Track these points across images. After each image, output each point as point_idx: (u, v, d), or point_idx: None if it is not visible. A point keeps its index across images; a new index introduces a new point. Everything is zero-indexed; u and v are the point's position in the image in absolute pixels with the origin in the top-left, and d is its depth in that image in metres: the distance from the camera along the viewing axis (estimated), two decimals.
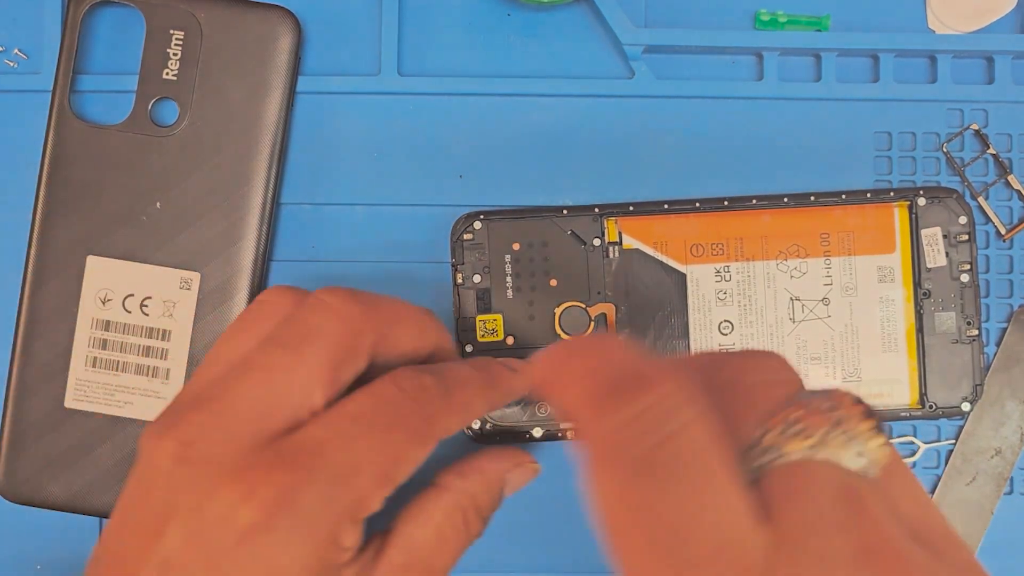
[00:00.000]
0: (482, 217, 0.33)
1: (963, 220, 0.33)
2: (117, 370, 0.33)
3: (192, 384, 0.25)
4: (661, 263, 0.33)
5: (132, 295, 0.33)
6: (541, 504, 0.34)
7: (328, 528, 0.22)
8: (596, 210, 0.33)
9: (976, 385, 0.33)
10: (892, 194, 0.33)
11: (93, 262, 0.33)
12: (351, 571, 0.23)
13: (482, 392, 0.27)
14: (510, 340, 0.33)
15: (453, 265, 0.33)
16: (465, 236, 0.33)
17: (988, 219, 0.35)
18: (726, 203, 0.33)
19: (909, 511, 0.18)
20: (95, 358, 0.33)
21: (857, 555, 0.16)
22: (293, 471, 0.22)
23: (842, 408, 0.18)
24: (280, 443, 0.23)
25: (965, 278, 0.33)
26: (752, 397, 0.19)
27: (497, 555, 0.34)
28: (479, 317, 0.33)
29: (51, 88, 0.33)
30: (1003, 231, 0.35)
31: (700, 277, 0.33)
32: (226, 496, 0.22)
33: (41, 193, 0.33)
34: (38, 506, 0.33)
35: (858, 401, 0.18)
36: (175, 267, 0.33)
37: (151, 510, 0.22)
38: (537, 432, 0.32)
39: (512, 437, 0.33)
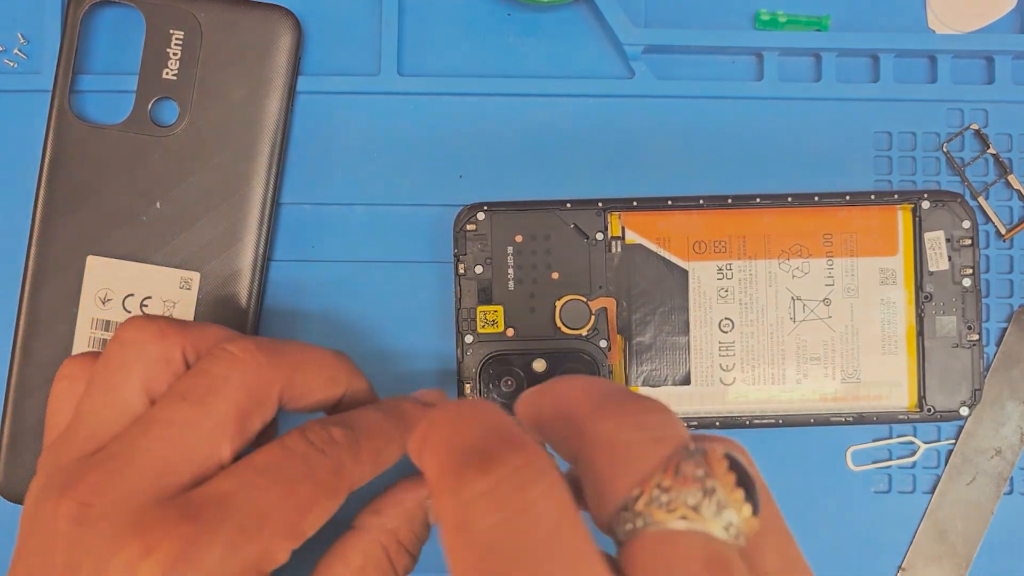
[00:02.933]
0: (486, 208, 0.33)
1: (966, 224, 0.33)
2: None
3: (75, 437, 0.24)
4: (663, 259, 0.33)
5: (132, 295, 0.33)
6: None
7: None
8: (600, 204, 0.33)
9: (975, 390, 0.33)
10: (896, 196, 0.33)
11: (93, 262, 0.33)
12: None
13: (393, 439, 0.27)
14: (510, 332, 0.33)
15: (455, 255, 0.33)
16: (468, 227, 0.33)
17: (988, 219, 0.35)
18: (730, 201, 0.33)
19: (775, 569, 0.18)
20: None
21: None
22: (195, 524, 0.22)
23: (714, 475, 0.18)
24: (185, 496, 0.23)
25: (967, 282, 0.33)
26: (628, 456, 0.18)
27: None
28: (480, 308, 0.33)
29: (51, 88, 0.33)
30: (1003, 231, 0.35)
31: (702, 274, 0.33)
32: (128, 553, 0.21)
33: (41, 193, 0.33)
34: None
35: (732, 466, 0.18)
36: (175, 267, 0.33)
37: (53, 571, 0.22)
38: None
39: None
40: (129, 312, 0.33)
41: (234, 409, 0.24)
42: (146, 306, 0.33)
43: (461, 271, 0.33)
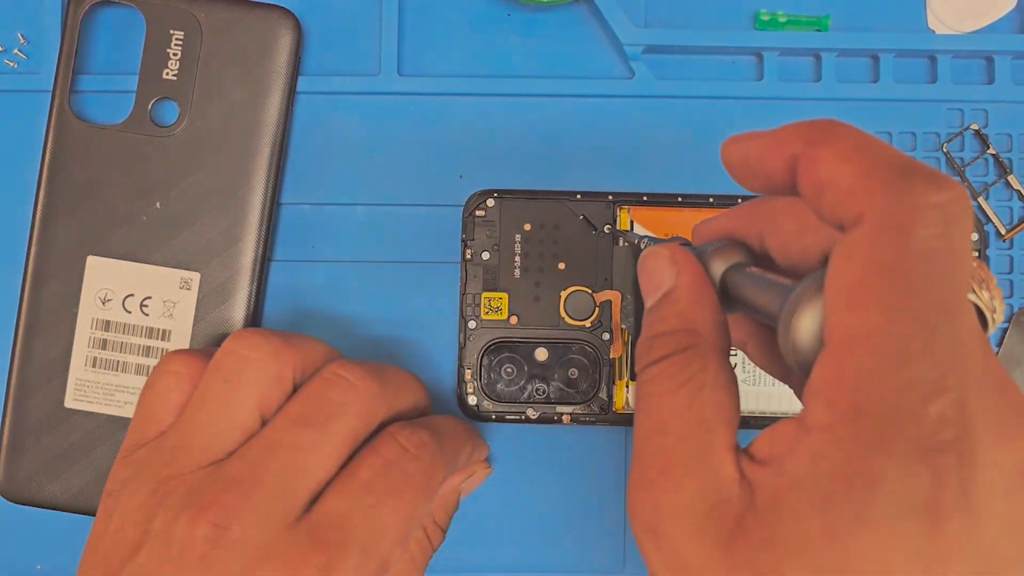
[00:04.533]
0: (496, 195, 0.33)
1: (974, 236, 0.33)
2: (117, 370, 0.33)
3: (189, 446, 0.25)
4: None
5: (132, 295, 0.33)
6: (526, 500, 0.34)
7: None
8: (609, 197, 0.33)
9: None
10: None
11: (93, 262, 0.33)
12: None
13: (467, 441, 0.30)
14: (513, 320, 0.33)
15: (463, 240, 0.33)
16: (477, 212, 0.33)
17: (988, 219, 0.35)
18: (740, 200, 0.33)
19: None
20: (95, 358, 0.33)
21: None
22: (326, 552, 0.24)
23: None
24: (308, 520, 0.24)
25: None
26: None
27: (479, 554, 0.34)
28: (485, 294, 0.33)
29: (51, 88, 0.33)
30: (1003, 231, 0.35)
31: None
32: None
33: (41, 193, 0.33)
34: (38, 506, 0.33)
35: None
36: (175, 267, 0.33)
37: None
38: (532, 413, 0.32)
39: (507, 416, 0.32)
40: (129, 312, 0.33)
41: (350, 434, 0.26)
42: (146, 306, 0.33)
43: (468, 256, 0.33)
